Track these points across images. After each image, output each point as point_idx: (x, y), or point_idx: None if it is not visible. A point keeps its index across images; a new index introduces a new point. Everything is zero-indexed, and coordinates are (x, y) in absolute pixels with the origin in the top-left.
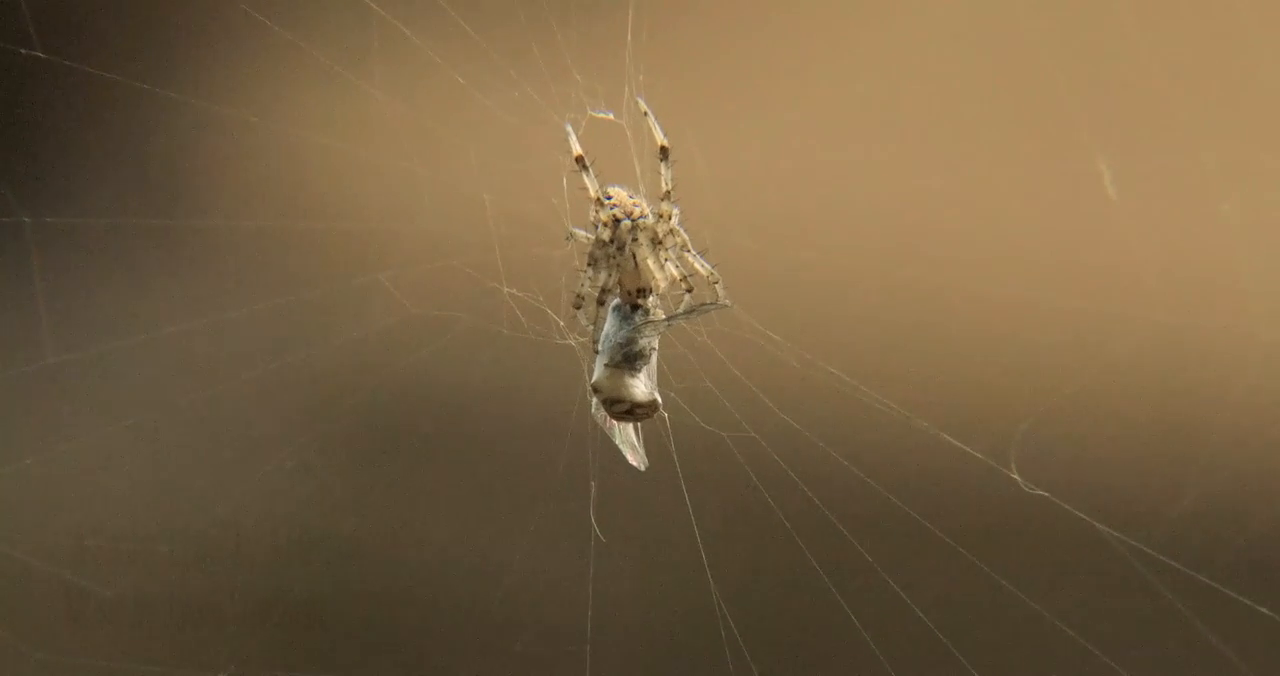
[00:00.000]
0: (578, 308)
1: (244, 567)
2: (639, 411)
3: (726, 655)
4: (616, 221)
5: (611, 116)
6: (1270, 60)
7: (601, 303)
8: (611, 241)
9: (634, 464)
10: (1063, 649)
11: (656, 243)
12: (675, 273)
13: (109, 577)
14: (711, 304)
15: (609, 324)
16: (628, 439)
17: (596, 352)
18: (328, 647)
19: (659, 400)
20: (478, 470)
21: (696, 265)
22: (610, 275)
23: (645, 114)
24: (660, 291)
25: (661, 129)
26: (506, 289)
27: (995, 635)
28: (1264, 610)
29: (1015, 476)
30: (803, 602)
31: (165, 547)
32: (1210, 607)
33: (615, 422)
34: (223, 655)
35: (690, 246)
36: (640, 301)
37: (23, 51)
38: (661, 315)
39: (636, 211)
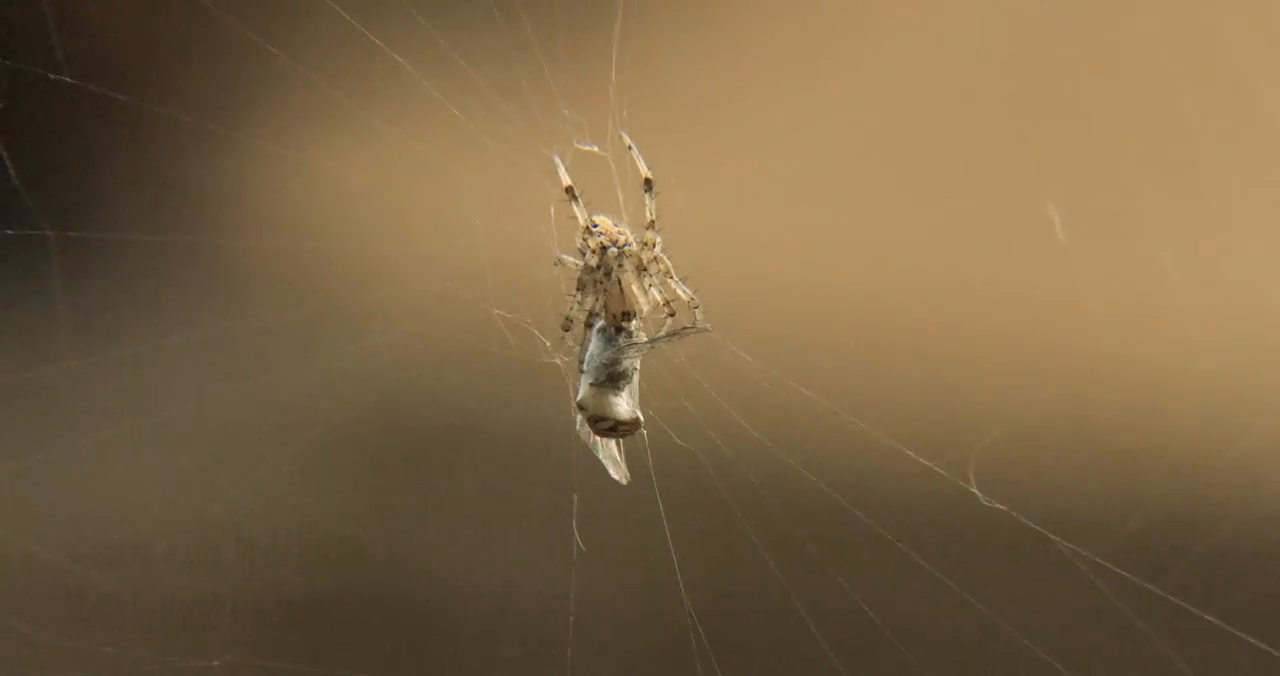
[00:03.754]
0: (566, 329)
1: (238, 565)
2: (622, 428)
3: (694, 654)
4: (604, 249)
5: (596, 149)
6: (1205, 119)
7: (589, 325)
8: (599, 267)
9: (616, 478)
10: (1015, 655)
11: (641, 269)
12: (658, 297)
13: (113, 569)
14: (692, 327)
15: (594, 345)
16: (610, 454)
17: (582, 372)
18: (313, 640)
19: (641, 418)
20: (467, 483)
21: (678, 291)
22: (597, 299)
23: (629, 148)
24: (643, 315)
25: (645, 161)
26: (496, 311)
27: (951, 642)
28: (1210, 618)
29: (975, 491)
30: (767, 608)
31: (165, 543)
32: (1160, 616)
33: (599, 439)
34: (219, 647)
35: (673, 273)
36: (624, 324)
37: (51, 76)
38: (644, 338)
39: (622, 239)
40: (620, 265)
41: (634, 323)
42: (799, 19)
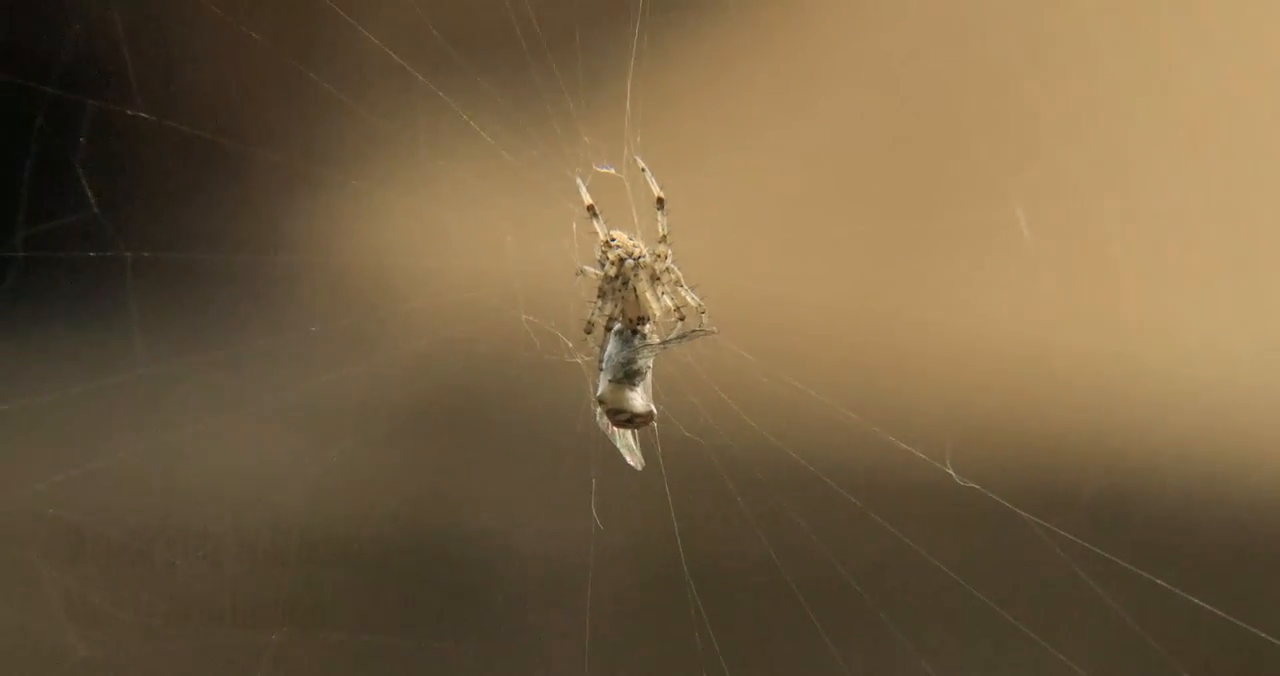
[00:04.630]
0: (588, 333)
1: (293, 544)
2: (637, 420)
3: (690, 615)
4: (622, 260)
5: (613, 171)
6: (1155, 120)
7: (607, 328)
8: (617, 277)
9: (631, 464)
10: (986, 618)
11: (654, 278)
12: (669, 304)
13: (184, 555)
14: (699, 330)
15: (612, 346)
16: (626, 443)
17: (601, 370)
18: (362, 609)
19: (654, 411)
20: (497, 468)
21: (687, 297)
22: (615, 305)
23: (643, 170)
24: (656, 319)
25: (657, 183)
26: (525, 316)
27: (926, 608)
28: (1159, 581)
29: (950, 471)
30: (757, 578)
31: (227, 527)
32: (1111, 578)
33: (616, 429)
34: (276, 620)
35: (682, 282)
36: (639, 327)
37: (129, 112)
38: (657, 339)
39: (637, 252)
40: (636, 275)
41: (648, 326)
42: (790, 59)
